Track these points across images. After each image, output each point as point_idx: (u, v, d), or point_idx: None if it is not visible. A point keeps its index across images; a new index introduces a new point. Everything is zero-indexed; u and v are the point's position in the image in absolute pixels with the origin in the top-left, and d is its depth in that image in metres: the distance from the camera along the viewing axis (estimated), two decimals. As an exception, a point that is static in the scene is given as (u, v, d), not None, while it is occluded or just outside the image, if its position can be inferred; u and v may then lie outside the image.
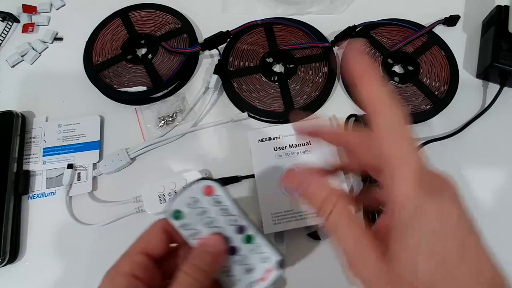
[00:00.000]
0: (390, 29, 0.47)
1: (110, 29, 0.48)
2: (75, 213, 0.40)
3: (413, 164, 0.18)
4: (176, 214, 0.26)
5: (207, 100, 0.44)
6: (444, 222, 0.18)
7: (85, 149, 0.43)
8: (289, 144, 0.41)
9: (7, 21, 0.50)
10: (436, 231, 0.17)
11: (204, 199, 0.26)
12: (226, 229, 0.25)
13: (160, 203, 0.36)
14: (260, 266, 0.25)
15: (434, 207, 0.18)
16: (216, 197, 0.26)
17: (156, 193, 0.36)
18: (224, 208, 0.26)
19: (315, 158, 0.40)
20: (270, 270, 0.25)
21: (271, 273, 0.25)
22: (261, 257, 0.25)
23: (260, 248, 0.25)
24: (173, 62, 0.46)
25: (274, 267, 0.25)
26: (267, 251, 0.25)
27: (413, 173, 0.18)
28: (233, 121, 0.44)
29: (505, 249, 0.37)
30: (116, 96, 0.45)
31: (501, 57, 0.43)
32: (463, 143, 0.42)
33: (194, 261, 0.24)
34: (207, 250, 0.24)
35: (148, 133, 0.44)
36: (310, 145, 0.40)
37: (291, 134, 0.41)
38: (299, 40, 0.47)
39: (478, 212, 0.39)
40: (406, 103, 0.43)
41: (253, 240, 0.25)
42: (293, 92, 0.44)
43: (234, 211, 0.25)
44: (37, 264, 0.39)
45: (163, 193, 0.36)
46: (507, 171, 0.41)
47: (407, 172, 0.18)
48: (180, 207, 0.26)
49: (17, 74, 0.48)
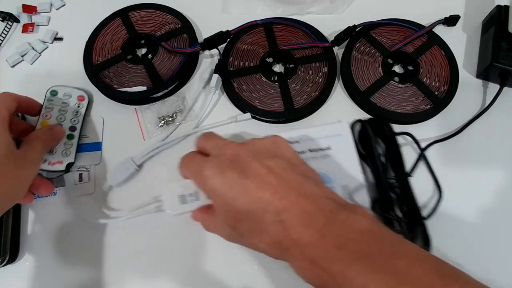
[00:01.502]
0: (390, 29, 0.47)
1: (110, 29, 0.48)
2: (76, 214, 0.41)
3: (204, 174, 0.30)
4: (53, 92, 0.43)
5: (208, 100, 0.44)
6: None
7: (87, 150, 0.43)
8: (308, 149, 0.40)
9: (7, 21, 0.50)
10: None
11: (72, 100, 0.43)
12: (65, 123, 0.41)
13: (180, 204, 0.35)
14: (60, 156, 0.40)
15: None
16: (80, 105, 0.43)
17: (176, 194, 0.35)
18: (78, 114, 0.42)
19: (334, 163, 0.39)
20: (61, 162, 0.40)
21: (59, 165, 0.40)
22: (66, 152, 0.40)
23: (70, 147, 0.41)
24: (173, 62, 0.46)
25: (63, 163, 0.40)
26: (71, 152, 0.41)
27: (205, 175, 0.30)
28: (237, 121, 0.44)
29: (505, 249, 0.37)
30: (116, 96, 0.45)
31: (501, 57, 0.42)
32: (463, 143, 0.42)
33: (44, 132, 0.38)
34: (54, 130, 0.39)
35: (148, 133, 0.44)
36: (330, 149, 0.39)
37: (311, 139, 0.40)
38: (299, 40, 0.47)
39: (478, 212, 0.40)
40: (406, 103, 0.43)
41: (71, 140, 0.41)
42: (293, 92, 0.44)
43: (80, 119, 0.42)
44: (37, 264, 0.39)
45: (182, 194, 0.35)
46: (507, 171, 0.41)
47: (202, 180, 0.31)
48: (58, 90, 0.43)
49: (17, 74, 0.48)
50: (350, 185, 0.38)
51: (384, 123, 0.41)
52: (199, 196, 0.35)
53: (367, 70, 0.45)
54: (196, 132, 0.44)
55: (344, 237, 0.25)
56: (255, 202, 0.28)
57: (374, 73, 0.45)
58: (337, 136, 0.40)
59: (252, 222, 0.28)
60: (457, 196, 0.39)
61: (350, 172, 0.38)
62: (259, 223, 0.28)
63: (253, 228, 0.28)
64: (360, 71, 0.45)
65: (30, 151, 0.35)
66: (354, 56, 0.46)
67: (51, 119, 0.41)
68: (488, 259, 0.36)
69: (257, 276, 0.38)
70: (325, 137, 0.40)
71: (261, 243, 0.28)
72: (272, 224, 0.27)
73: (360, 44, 0.46)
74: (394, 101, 0.43)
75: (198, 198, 0.35)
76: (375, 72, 0.45)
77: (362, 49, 0.46)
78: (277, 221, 0.27)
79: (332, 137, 0.40)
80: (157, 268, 0.38)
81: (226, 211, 0.29)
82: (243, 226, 0.29)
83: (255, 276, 0.37)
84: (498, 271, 0.34)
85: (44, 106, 0.42)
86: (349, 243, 0.25)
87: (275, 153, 0.31)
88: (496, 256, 0.37)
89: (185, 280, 0.38)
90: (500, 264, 0.36)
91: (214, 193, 0.30)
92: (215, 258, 0.38)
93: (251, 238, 0.29)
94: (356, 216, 0.27)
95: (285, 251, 0.27)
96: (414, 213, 0.37)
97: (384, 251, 0.25)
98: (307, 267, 0.26)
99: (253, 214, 0.28)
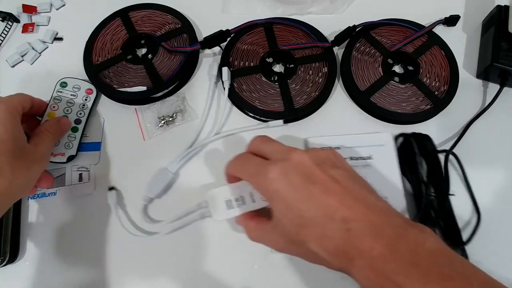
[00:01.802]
0: (390, 29, 0.47)
1: (110, 29, 0.48)
2: (76, 214, 0.41)
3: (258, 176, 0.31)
4: (63, 84, 0.44)
5: (221, 99, 0.45)
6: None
7: (87, 150, 0.43)
8: (349, 156, 0.39)
9: (7, 21, 0.50)
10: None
11: (81, 93, 0.44)
12: (71, 116, 0.42)
13: (227, 209, 0.34)
14: (63, 148, 0.41)
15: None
16: (88, 98, 0.43)
17: (223, 199, 0.35)
18: (84, 107, 0.43)
19: (375, 174, 0.39)
20: (63, 154, 0.41)
21: (61, 157, 0.41)
22: (69, 144, 0.41)
23: (73, 140, 0.41)
24: (173, 62, 0.46)
25: (65, 155, 0.41)
26: (73, 145, 0.41)
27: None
28: (268, 127, 0.43)
29: (505, 248, 0.37)
30: (116, 96, 0.45)
31: (501, 57, 0.42)
32: (462, 143, 0.41)
33: (52, 125, 0.39)
34: (61, 122, 0.40)
35: (148, 133, 0.44)
36: (371, 159, 0.39)
37: (352, 146, 0.40)
38: (299, 40, 0.47)
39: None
40: (406, 103, 0.43)
41: (75, 133, 0.42)
42: (293, 92, 0.44)
43: (87, 112, 0.43)
44: (37, 264, 0.39)
45: (229, 199, 0.35)
46: (507, 171, 0.41)
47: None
48: (68, 82, 0.44)
49: (17, 74, 0.48)
50: (389, 198, 0.37)
51: (427, 138, 0.40)
52: (245, 200, 0.34)
53: (367, 70, 0.45)
54: (232, 134, 0.43)
55: (417, 254, 0.25)
56: (321, 208, 0.27)
57: (374, 73, 0.45)
58: (380, 146, 0.40)
59: (316, 228, 0.27)
60: (457, 196, 0.39)
61: (390, 184, 0.38)
62: (323, 230, 0.27)
63: (316, 235, 0.27)
64: (360, 71, 0.45)
65: (40, 144, 0.36)
66: (354, 56, 0.46)
67: (58, 110, 0.42)
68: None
69: (257, 276, 0.38)
70: (367, 146, 0.40)
71: (322, 250, 0.27)
72: (338, 231, 0.26)
73: (360, 44, 0.46)
74: (394, 101, 0.43)
75: (244, 202, 0.34)
76: (375, 72, 0.45)
77: (362, 49, 0.46)
78: (344, 229, 0.26)
79: (374, 147, 0.40)
80: (157, 268, 0.38)
81: (288, 216, 0.28)
82: (305, 232, 0.28)
83: (255, 276, 0.38)
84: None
85: (52, 97, 0.43)
86: (423, 261, 0.25)
87: (336, 164, 0.31)
88: (496, 256, 0.36)
89: (185, 280, 0.38)
90: (501, 264, 0.36)
91: (277, 196, 0.29)
92: (215, 258, 0.38)
93: (312, 245, 0.27)
94: (425, 235, 0.26)
95: (349, 261, 0.26)
96: (453, 236, 0.36)
97: (457, 273, 0.25)
98: (375, 280, 0.25)
99: (318, 220, 0.27)
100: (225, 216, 0.34)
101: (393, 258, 0.25)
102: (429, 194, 0.37)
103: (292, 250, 0.31)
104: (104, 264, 0.38)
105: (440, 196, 0.38)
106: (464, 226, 0.38)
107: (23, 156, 0.33)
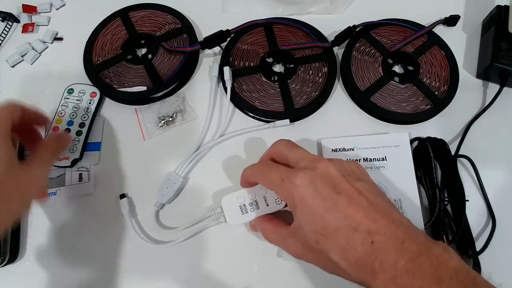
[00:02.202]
0: (390, 29, 0.47)
1: (110, 29, 0.48)
2: (76, 214, 0.41)
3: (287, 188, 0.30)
4: (70, 91, 0.45)
5: (223, 97, 0.44)
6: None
7: (87, 150, 0.43)
8: (363, 158, 0.39)
9: (7, 21, 0.50)
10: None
11: (85, 97, 0.44)
12: (76, 120, 0.43)
13: (242, 214, 0.35)
14: (68, 152, 0.41)
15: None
16: (91, 101, 0.44)
17: (238, 204, 0.35)
18: (88, 110, 0.43)
19: (390, 175, 0.38)
20: (67, 158, 0.41)
21: (65, 161, 0.41)
22: (73, 148, 0.41)
23: (77, 143, 0.42)
24: (173, 62, 0.46)
25: (69, 159, 0.41)
26: (77, 148, 0.42)
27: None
28: (275, 126, 0.43)
29: (505, 248, 0.37)
30: (116, 96, 0.45)
31: (501, 57, 0.43)
32: (462, 143, 0.41)
33: (53, 141, 0.36)
34: (62, 138, 0.38)
35: (148, 133, 0.44)
36: (386, 160, 0.39)
37: (366, 147, 0.40)
38: (299, 40, 0.47)
39: (478, 211, 0.40)
40: (406, 103, 0.43)
41: (79, 136, 0.42)
42: (293, 92, 0.44)
43: (90, 115, 0.43)
44: (37, 264, 0.39)
45: (244, 203, 0.35)
46: (507, 171, 0.41)
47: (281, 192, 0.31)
48: (74, 88, 0.45)
49: (17, 74, 0.48)
50: (403, 200, 0.37)
51: (444, 143, 0.40)
52: (259, 205, 0.35)
53: (367, 70, 0.45)
54: (223, 137, 0.43)
55: (441, 272, 0.25)
56: (346, 218, 0.27)
57: (374, 73, 0.45)
58: (395, 147, 0.40)
59: (339, 238, 0.27)
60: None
61: (405, 186, 0.38)
62: (347, 240, 0.27)
63: (339, 245, 0.27)
64: (360, 71, 0.45)
65: (36, 164, 0.33)
66: (354, 56, 0.46)
67: (64, 117, 0.43)
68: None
69: (257, 276, 0.38)
70: (382, 147, 0.40)
71: (344, 261, 0.27)
72: (362, 243, 0.26)
73: (360, 44, 0.46)
74: (394, 101, 0.43)
75: (258, 207, 0.35)
76: (375, 72, 0.45)
77: (362, 49, 0.46)
78: (368, 242, 0.26)
79: (390, 148, 0.40)
80: (157, 268, 0.38)
81: (311, 224, 0.29)
82: (328, 241, 0.28)
83: (255, 276, 0.38)
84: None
85: (60, 104, 0.44)
86: (447, 279, 0.25)
87: (360, 177, 0.31)
88: (497, 255, 0.36)
89: (185, 280, 0.38)
90: (501, 264, 0.36)
91: (303, 203, 0.29)
92: (215, 258, 0.38)
93: (333, 255, 0.27)
94: (449, 253, 0.26)
95: (371, 274, 0.26)
96: (465, 244, 0.36)
97: None
98: None
99: (342, 231, 0.27)
100: (240, 221, 0.36)
101: (417, 274, 0.25)
102: (443, 199, 0.37)
103: (310, 258, 0.31)
104: (104, 264, 0.38)
105: (456, 202, 0.37)
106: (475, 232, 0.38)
107: (12, 175, 0.30)
